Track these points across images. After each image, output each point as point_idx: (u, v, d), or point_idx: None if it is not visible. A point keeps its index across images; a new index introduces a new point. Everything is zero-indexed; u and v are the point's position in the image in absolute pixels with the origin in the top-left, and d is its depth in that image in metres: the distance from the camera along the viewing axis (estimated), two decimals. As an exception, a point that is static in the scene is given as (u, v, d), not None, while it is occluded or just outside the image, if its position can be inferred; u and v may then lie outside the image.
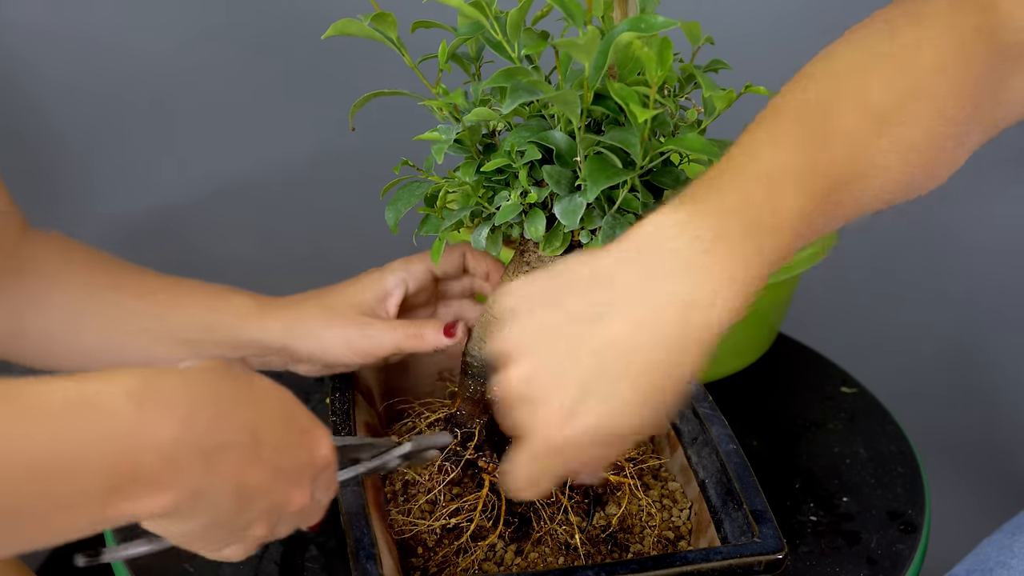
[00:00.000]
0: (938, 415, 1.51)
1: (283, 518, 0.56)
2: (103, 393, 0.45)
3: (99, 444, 0.44)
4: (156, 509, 0.46)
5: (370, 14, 0.64)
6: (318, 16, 0.97)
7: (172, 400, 0.47)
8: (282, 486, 0.54)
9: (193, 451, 0.47)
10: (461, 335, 0.75)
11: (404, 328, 0.76)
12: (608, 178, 0.59)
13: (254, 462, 0.51)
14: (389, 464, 0.68)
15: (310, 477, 0.56)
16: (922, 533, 0.86)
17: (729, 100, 0.61)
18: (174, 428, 0.46)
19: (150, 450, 0.46)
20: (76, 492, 0.44)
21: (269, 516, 0.54)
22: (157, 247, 1.42)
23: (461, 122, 0.66)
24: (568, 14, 0.55)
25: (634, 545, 0.74)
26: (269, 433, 0.52)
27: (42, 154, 1.33)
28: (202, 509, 0.49)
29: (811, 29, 1.43)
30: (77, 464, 0.43)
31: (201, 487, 0.48)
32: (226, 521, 0.51)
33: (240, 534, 0.54)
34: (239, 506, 0.51)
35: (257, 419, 0.52)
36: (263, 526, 0.54)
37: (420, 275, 0.80)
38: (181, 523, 0.50)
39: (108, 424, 0.45)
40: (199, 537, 0.53)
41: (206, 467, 0.48)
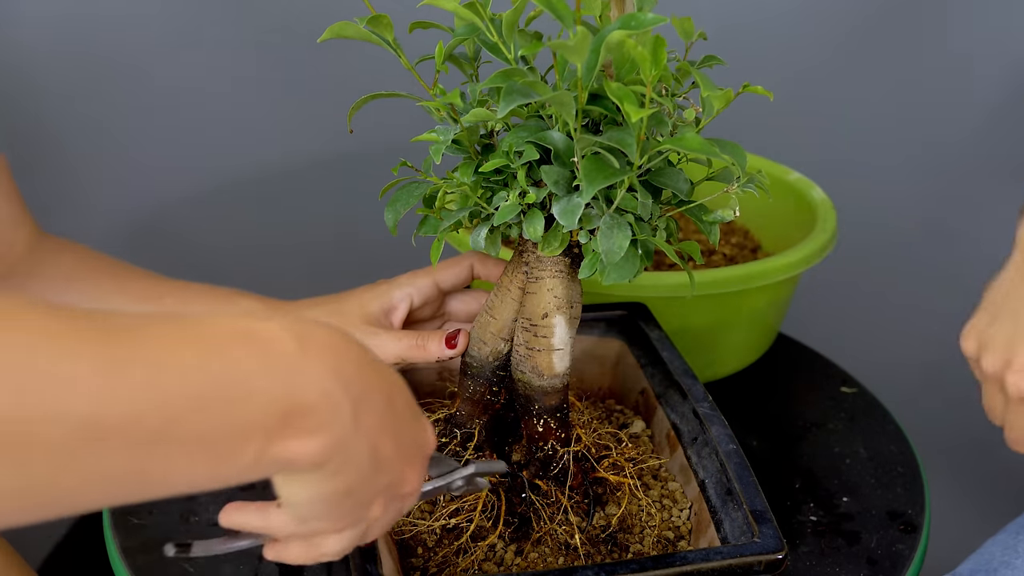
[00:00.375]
0: (938, 415, 1.51)
1: (394, 501, 0.56)
2: (270, 330, 0.46)
3: (267, 376, 0.44)
4: (310, 453, 0.46)
5: (366, 17, 0.64)
6: (318, 16, 0.97)
7: (327, 345, 0.47)
8: (400, 462, 0.54)
9: (345, 396, 0.47)
10: (463, 346, 0.75)
11: (408, 339, 0.77)
12: (605, 178, 0.59)
13: (387, 427, 0.51)
14: (453, 485, 0.68)
15: (421, 461, 0.56)
16: (922, 533, 0.86)
17: (727, 99, 0.61)
18: (329, 371, 0.47)
19: (311, 387, 0.46)
20: (242, 423, 0.43)
21: (387, 493, 0.54)
22: (156, 247, 1.42)
23: (459, 123, 0.66)
24: (557, 16, 0.55)
25: (634, 545, 0.74)
26: (399, 403, 0.53)
27: (41, 154, 1.33)
28: (345, 466, 0.49)
29: (809, 27, 1.44)
30: (246, 394, 0.43)
31: (348, 439, 0.48)
32: (359, 488, 0.51)
33: (361, 512, 0.53)
34: (373, 470, 0.51)
35: (389, 384, 0.52)
36: (380, 505, 0.54)
37: (426, 289, 0.81)
38: (321, 483, 0.49)
39: (276, 359, 0.45)
40: (325, 510, 0.51)
41: (354, 417, 0.48)
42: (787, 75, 1.42)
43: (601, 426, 0.80)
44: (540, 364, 0.71)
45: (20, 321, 0.37)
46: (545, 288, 0.69)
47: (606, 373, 0.91)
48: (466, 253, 0.81)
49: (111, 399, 0.38)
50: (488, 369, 0.74)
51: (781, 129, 1.40)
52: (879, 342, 1.45)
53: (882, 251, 1.49)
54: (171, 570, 0.79)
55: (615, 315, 0.90)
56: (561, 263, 0.69)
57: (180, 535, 0.82)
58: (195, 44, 1.34)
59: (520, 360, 0.72)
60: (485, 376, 0.75)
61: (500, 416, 0.77)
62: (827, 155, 1.45)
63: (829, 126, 1.48)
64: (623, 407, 0.88)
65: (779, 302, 1.03)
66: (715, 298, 0.95)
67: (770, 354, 1.09)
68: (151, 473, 0.41)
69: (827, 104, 1.47)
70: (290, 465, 0.46)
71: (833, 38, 1.42)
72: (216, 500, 0.86)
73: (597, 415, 0.84)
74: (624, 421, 0.86)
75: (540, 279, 0.70)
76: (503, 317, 0.72)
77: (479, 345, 0.74)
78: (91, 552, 1.08)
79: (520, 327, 0.71)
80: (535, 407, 0.72)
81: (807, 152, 1.36)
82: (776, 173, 1.16)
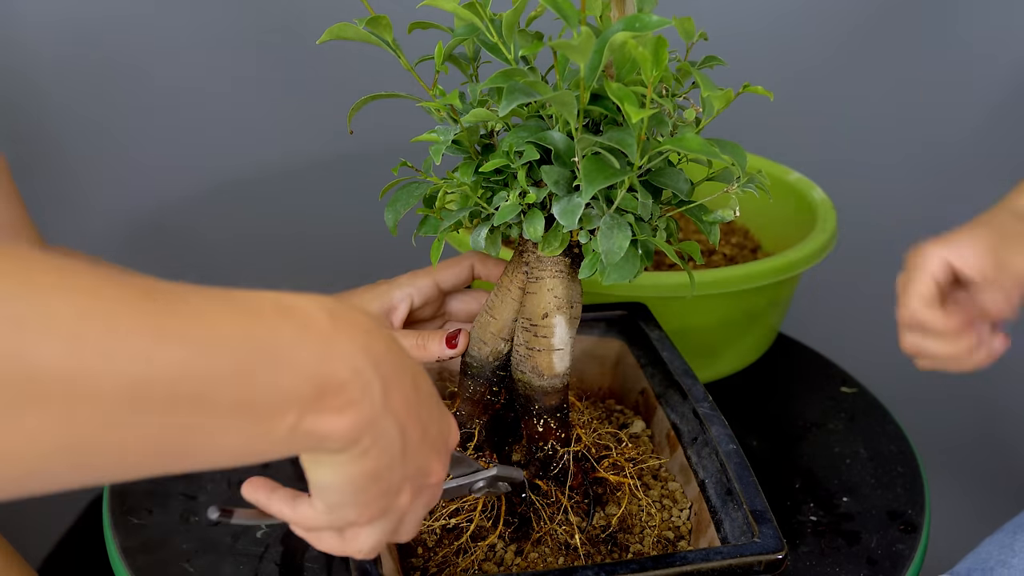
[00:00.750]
0: (938, 415, 1.51)
1: (422, 492, 0.56)
2: (307, 306, 0.47)
3: (304, 348, 0.45)
4: (342, 430, 0.46)
5: (365, 18, 0.64)
6: (318, 16, 0.97)
7: (357, 324, 0.48)
8: (426, 449, 0.54)
9: (375, 375, 0.48)
10: (463, 346, 0.75)
11: (409, 339, 0.77)
12: (605, 178, 0.58)
13: (413, 410, 0.51)
14: (475, 486, 0.69)
15: (445, 452, 0.57)
16: (922, 533, 0.86)
17: (727, 100, 0.61)
18: (360, 349, 0.47)
19: (344, 363, 0.46)
20: (280, 392, 0.43)
21: (415, 481, 0.54)
22: (156, 247, 1.42)
23: (459, 123, 0.66)
24: (562, 15, 0.55)
25: (634, 545, 0.74)
26: (424, 387, 0.53)
27: (41, 155, 1.33)
28: (375, 446, 0.49)
29: (809, 27, 1.44)
30: (285, 363, 0.44)
31: (378, 418, 0.48)
32: (387, 472, 0.51)
33: (390, 500, 0.53)
34: (401, 454, 0.51)
35: (414, 371, 0.53)
36: (408, 493, 0.54)
37: (426, 289, 0.81)
38: (350, 464, 0.49)
39: (311, 333, 0.45)
40: (353, 495, 0.51)
41: (384, 396, 0.48)
42: (787, 75, 1.42)
43: (601, 426, 0.80)
44: (540, 364, 0.71)
45: (74, 279, 0.38)
46: (545, 288, 0.69)
47: (606, 373, 0.91)
48: (466, 253, 0.80)
49: (157, 359, 0.39)
50: (488, 369, 0.74)
51: (781, 129, 1.40)
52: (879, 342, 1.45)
53: (882, 251, 1.49)
54: (171, 570, 0.79)
55: (615, 315, 0.90)
56: (561, 263, 0.69)
57: (180, 535, 0.82)
58: (195, 45, 1.34)
59: (520, 360, 0.72)
60: (485, 376, 0.75)
61: (500, 416, 0.77)
62: (827, 155, 1.45)
63: (829, 126, 1.48)
64: (623, 407, 0.88)
65: (779, 302, 1.03)
66: (715, 298, 0.95)
67: (770, 354, 1.09)
68: (192, 439, 0.41)
69: (827, 104, 1.47)
70: (322, 442, 0.46)
71: (834, 38, 1.42)
72: (215, 502, 0.86)
73: (597, 415, 0.84)
74: (624, 421, 0.86)
75: (540, 279, 0.70)
76: (503, 317, 0.72)
77: (479, 345, 0.74)
78: (91, 552, 1.08)
79: (520, 327, 0.71)
80: (535, 407, 0.72)
81: (807, 152, 1.36)
82: (776, 173, 1.16)
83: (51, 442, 0.37)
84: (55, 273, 0.38)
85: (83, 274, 0.39)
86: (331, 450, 0.48)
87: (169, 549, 0.81)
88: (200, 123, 1.39)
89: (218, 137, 1.40)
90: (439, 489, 0.58)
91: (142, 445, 0.40)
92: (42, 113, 1.33)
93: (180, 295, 0.41)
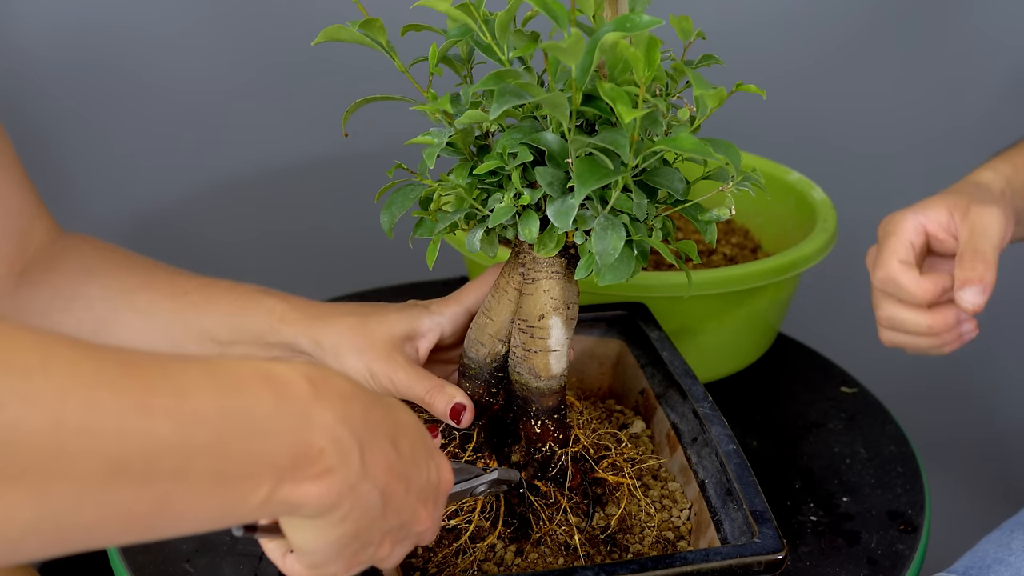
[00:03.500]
0: (938, 415, 1.51)
1: (406, 540, 0.56)
2: (287, 374, 0.47)
3: (281, 417, 0.45)
4: (319, 497, 0.47)
5: (357, 20, 0.64)
6: (314, 17, 0.97)
7: (337, 392, 0.49)
8: (413, 501, 0.54)
9: (352, 439, 0.48)
10: (467, 422, 0.74)
11: (424, 385, 0.74)
12: (597, 180, 0.58)
13: (395, 467, 0.52)
14: (476, 490, 0.69)
15: (434, 498, 0.57)
16: (922, 533, 0.86)
17: (720, 98, 0.61)
18: (339, 417, 0.48)
19: (322, 431, 0.47)
20: (256, 462, 0.44)
21: (398, 532, 0.54)
22: (154, 248, 1.42)
23: (453, 125, 0.66)
24: (552, 16, 0.55)
25: (634, 545, 0.74)
26: (405, 444, 0.53)
27: (40, 155, 1.33)
28: (355, 509, 0.49)
29: (810, 26, 1.44)
30: (262, 433, 0.44)
31: (357, 482, 0.49)
32: (367, 530, 0.51)
33: (370, 551, 0.54)
34: (381, 514, 0.52)
35: (395, 427, 0.53)
36: (389, 543, 0.55)
37: (457, 319, 0.78)
38: (330, 528, 0.50)
39: (290, 401, 0.46)
40: (335, 554, 0.52)
41: (362, 460, 0.49)
42: (788, 74, 1.42)
43: (601, 426, 0.80)
44: (537, 366, 0.71)
45: (55, 358, 0.39)
46: (541, 289, 0.69)
47: (606, 373, 0.91)
48: (490, 268, 0.78)
49: (135, 435, 0.40)
50: (486, 371, 0.74)
51: (782, 129, 1.40)
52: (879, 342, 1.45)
53: (882, 251, 1.48)
54: (171, 570, 0.79)
55: (615, 315, 0.90)
56: (557, 264, 0.69)
57: (180, 535, 0.82)
58: (193, 46, 1.34)
59: (517, 362, 0.72)
60: (483, 378, 0.74)
61: (499, 417, 0.77)
62: (827, 155, 1.45)
63: (829, 126, 1.48)
64: (623, 407, 0.88)
65: (779, 302, 1.03)
66: (715, 298, 0.95)
67: (770, 354, 1.09)
68: (166, 510, 0.42)
69: (827, 104, 1.47)
70: (299, 509, 0.47)
71: (835, 37, 1.42)
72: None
73: (597, 415, 0.84)
74: (624, 421, 0.86)
75: (536, 280, 0.70)
76: (500, 318, 0.72)
77: (476, 347, 0.74)
78: (91, 552, 1.08)
79: (517, 328, 0.71)
80: (533, 408, 0.72)
81: (807, 152, 1.36)
82: (776, 173, 1.16)
83: (28, 517, 0.37)
84: (37, 352, 0.38)
85: (63, 350, 0.39)
86: (309, 516, 0.48)
87: (169, 549, 0.81)
88: (199, 124, 1.39)
89: (216, 138, 1.40)
90: (432, 533, 0.58)
91: (117, 517, 0.41)
92: (41, 114, 1.33)
93: (160, 367, 0.42)
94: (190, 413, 0.42)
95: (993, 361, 1.56)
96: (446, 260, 1.04)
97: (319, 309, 0.79)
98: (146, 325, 0.79)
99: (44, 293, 0.80)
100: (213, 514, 0.44)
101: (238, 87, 1.37)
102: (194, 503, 0.43)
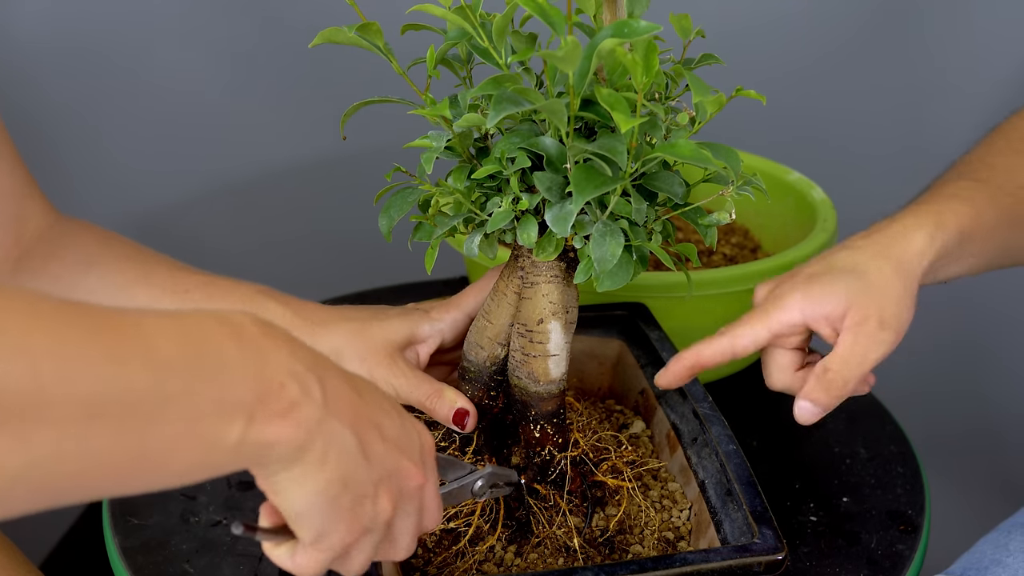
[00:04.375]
0: (938, 415, 1.51)
1: (404, 497, 0.56)
2: (238, 317, 0.49)
3: (242, 357, 0.47)
4: (288, 432, 0.48)
5: (354, 24, 0.63)
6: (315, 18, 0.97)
7: (283, 333, 0.51)
8: (392, 451, 0.55)
9: (309, 373, 0.50)
10: (471, 427, 0.74)
11: (425, 389, 0.74)
12: (596, 187, 0.58)
13: (360, 410, 0.53)
14: (474, 487, 0.68)
15: (420, 455, 0.57)
16: (922, 533, 0.86)
17: (720, 104, 0.60)
18: (290, 352, 0.50)
19: (279, 367, 0.49)
20: (225, 401, 0.46)
21: (389, 484, 0.54)
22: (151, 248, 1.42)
23: (451, 129, 0.66)
24: (548, 23, 0.54)
25: (634, 546, 0.74)
26: (365, 390, 0.55)
27: (38, 156, 1.33)
28: (330, 448, 0.50)
29: (811, 26, 1.44)
30: (227, 375, 0.46)
31: (323, 417, 0.50)
32: (353, 476, 0.52)
33: (368, 508, 0.53)
34: (363, 459, 0.52)
35: (349, 376, 0.54)
36: (387, 498, 0.54)
37: (458, 324, 0.78)
38: (310, 476, 0.50)
39: (247, 341, 0.48)
40: (329, 510, 0.52)
41: (323, 394, 0.50)
42: (787, 74, 1.42)
43: (601, 427, 0.80)
44: (536, 370, 0.70)
45: (38, 314, 0.41)
46: (541, 293, 0.69)
47: (606, 373, 0.91)
48: (489, 271, 0.78)
49: (110, 380, 0.42)
50: (485, 374, 0.74)
51: (782, 129, 1.40)
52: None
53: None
54: (171, 570, 0.79)
55: (615, 315, 0.90)
56: (556, 268, 0.69)
57: (180, 535, 0.82)
58: (192, 47, 1.34)
59: (516, 366, 0.71)
60: (483, 381, 0.74)
61: (499, 418, 0.77)
62: (827, 155, 1.45)
63: (829, 126, 1.48)
64: (623, 407, 0.88)
65: (779, 302, 1.03)
66: (715, 298, 0.95)
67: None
68: (146, 455, 0.44)
69: (827, 104, 1.47)
70: (272, 449, 0.48)
71: (835, 37, 1.42)
72: (215, 502, 0.86)
73: (597, 416, 0.84)
74: (624, 421, 0.86)
75: (536, 284, 0.69)
76: (499, 322, 0.72)
77: (476, 350, 0.74)
78: (91, 552, 1.08)
79: (516, 332, 0.71)
80: (532, 412, 0.72)
81: (807, 152, 1.36)
82: (776, 173, 1.16)
83: (15, 464, 0.39)
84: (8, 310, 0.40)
85: (46, 306, 0.42)
86: (286, 460, 0.49)
87: (169, 549, 0.81)
88: (198, 126, 1.39)
89: (216, 139, 1.40)
90: (430, 498, 0.58)
91: (100, 465, 0.42)
92: (39, 114, 1.33)
93: (127, 317, 0.44)
94: (160, 360, 0.44)
95: (993, 362, 1.56)
96: (446, 260, 1.04)
97: (320, 314, 0.78)
98: None
99: (44, 282, 0.79)
100: (192, 459, 0.45)
101: (238, 88, 1.37)
102: (171, 447, 0.44)
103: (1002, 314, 1.49)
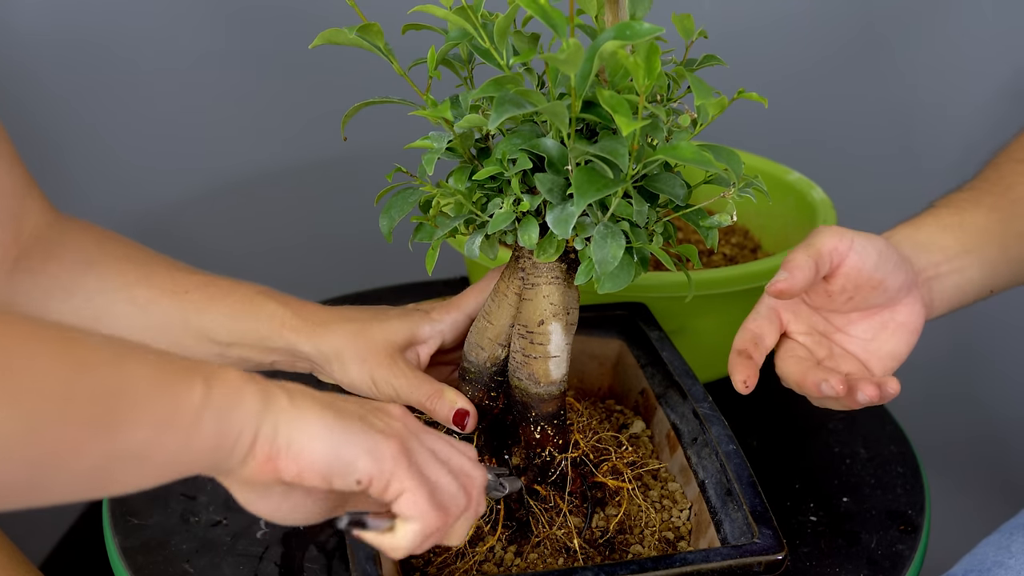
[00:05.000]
0: (938, 415, 1.51)
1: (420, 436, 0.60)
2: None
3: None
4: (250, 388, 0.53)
5: (355, 26, 0.63)
6: (315, 18, 0.97)
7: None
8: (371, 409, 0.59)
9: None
10: (471, 427, 0.74)
11: (426, 390, 0.75)
12: (597, 190, 0.58)
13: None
14: (491, 493, 0.69)
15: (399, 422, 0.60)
16: (922, 533, 0.86)
17: (721, 107, 0.60)
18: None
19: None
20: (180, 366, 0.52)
21: (377, 411, 0.59)
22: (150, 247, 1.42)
23: (452, 130, 0.66)
24: (550, 25, 0.54)
25: (634, 546, 0.74)
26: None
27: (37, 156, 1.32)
28: (294, 393, 0.55)
29: (811, 26, 1.44)
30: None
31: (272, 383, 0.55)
32: (332, 403, 0.56)
33: (379, 423, 0.57)
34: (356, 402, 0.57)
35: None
36: (384, 412, 0.59)
37: (459, 325, 0.79)
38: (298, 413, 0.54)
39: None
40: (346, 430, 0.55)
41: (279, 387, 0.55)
42: (788, 74, 1.42)
43: (601, 427, 0.80)
44: (536, 371, 0.70)
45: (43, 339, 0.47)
46: (541, 295, 0.69)
47: (606, 373, 0.91)
48: (490, 272, 0.78)
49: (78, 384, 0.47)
50: (486, 375, 0.74)
51: (781, 130, 1.40)
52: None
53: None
54: (171, 570, 0.79)
55: (615, 315, 0.90)
56: (557, 269, 0.69)
57: (180, 535, 0.82)
58: (193, 45, 1.34)
59: (516, 367, 0.71)
60: (483, 382, 0.74)
61: (499, 419, 0.77)
62: (827, 155, 1.45)
63: (829, 127, 1.48)
64: (623, 407, 0.88)
65: (779, 302, 1.03)
66: (715, 298, 0.95)
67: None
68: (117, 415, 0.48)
69: (828, 104, 1.47)
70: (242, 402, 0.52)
71: (836, 37, 1.42)
72: (215, 502, 0.86)
73: (597, 416, 0.84)
74: (624, 421, 0.86)
75: (536, 285, 0.69)
76: (500, 323, 0.72)
77: (476, 351, 0.74)
78: (91, 552, 1.08)
79: (516, 333, 0.71)
80: (532, 413, 0.72)
81: (807, 152, 1.36)
82: (776, 173, 1.16)
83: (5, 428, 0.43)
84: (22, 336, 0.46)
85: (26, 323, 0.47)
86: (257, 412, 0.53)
87: (169, 549, 0.81)
88: (198, 125, 1.39)
89: (216, 139, 1.40)
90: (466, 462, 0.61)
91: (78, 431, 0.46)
92: (39, 111, 1.33)
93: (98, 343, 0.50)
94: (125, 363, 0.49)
95: (994, 362, 1.56)
96: (446, 260, 1.04)
97: (321, 315, 0.78)
98: (145, 321, 0.79)
99: (42, 282, 0.78)
100: (162, 413, 0.49)
101: (238, 88, 1.37)
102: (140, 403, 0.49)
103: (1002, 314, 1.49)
